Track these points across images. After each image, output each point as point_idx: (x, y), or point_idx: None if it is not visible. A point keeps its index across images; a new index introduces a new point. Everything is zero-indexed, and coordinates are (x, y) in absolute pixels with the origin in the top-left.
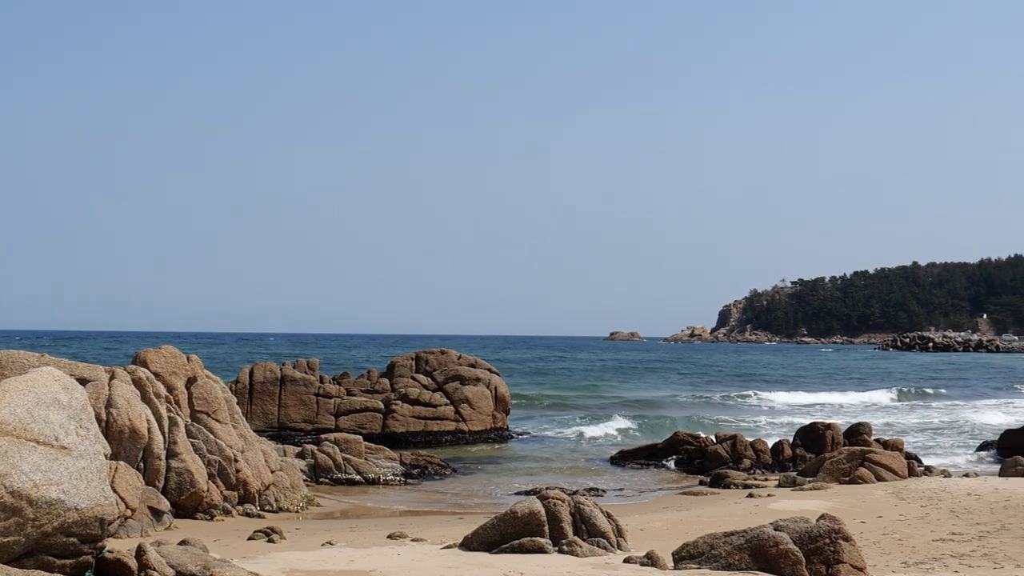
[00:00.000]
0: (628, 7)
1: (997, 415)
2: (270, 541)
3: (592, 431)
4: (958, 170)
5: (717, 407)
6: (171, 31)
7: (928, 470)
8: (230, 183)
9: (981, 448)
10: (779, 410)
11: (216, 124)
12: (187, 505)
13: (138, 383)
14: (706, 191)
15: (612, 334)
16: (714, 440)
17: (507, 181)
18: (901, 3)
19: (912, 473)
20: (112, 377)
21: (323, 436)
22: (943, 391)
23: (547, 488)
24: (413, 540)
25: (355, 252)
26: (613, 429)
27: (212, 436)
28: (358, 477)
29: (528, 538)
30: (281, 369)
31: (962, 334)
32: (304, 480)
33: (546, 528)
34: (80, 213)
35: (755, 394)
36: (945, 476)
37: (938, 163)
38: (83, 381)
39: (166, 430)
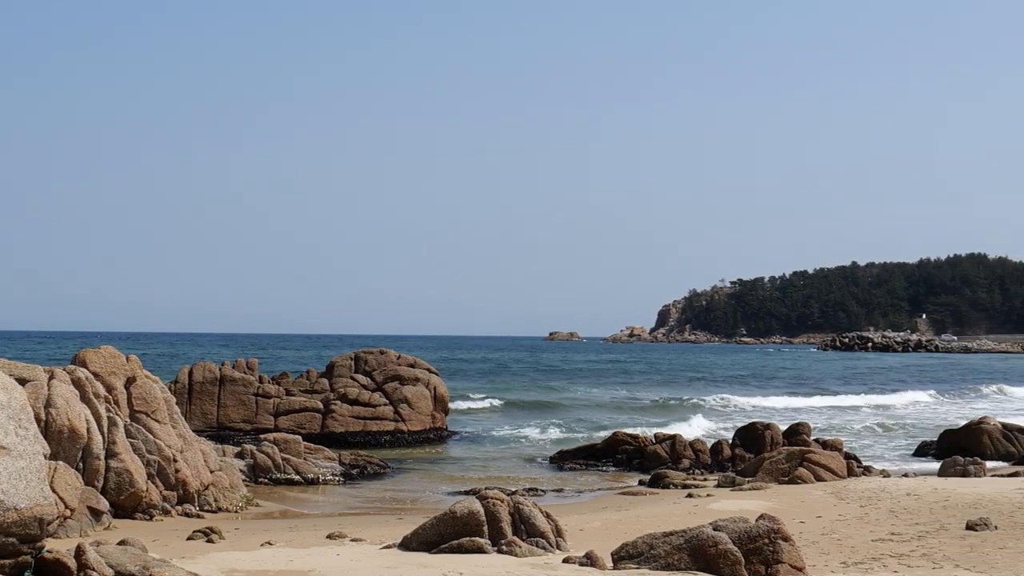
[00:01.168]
0: (564, 6)
1: None
2: (209, 541)
3: (532, 432)
4: (897, 170)
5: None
6: (106, 30)
7: (867, 470)
8: (166, 183)
9: (920, 449)
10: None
11: (152, 124)
12: (126, 505)
13: (77, 383)
14: (644, 191)
15: (551, 334)
16: (653, 440)
17: (444, 181)
18: (836, 2)
19: (851, 473)
20: (51, 377)
21: (262, 436)
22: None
23: (486, 488)
24: (352, 540)
25: (292, 252)
26: (554, 429)
27: (151, 436)
28: (297, 477)
29: (467, 538)
30: (220, 369)
31: (901, 334)
32: (243, 480)
33: (485, 528)
34: (14, 213)
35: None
36: (884, 476)
37: (877, 162)
38: (22, 381)
39: (105, 430)
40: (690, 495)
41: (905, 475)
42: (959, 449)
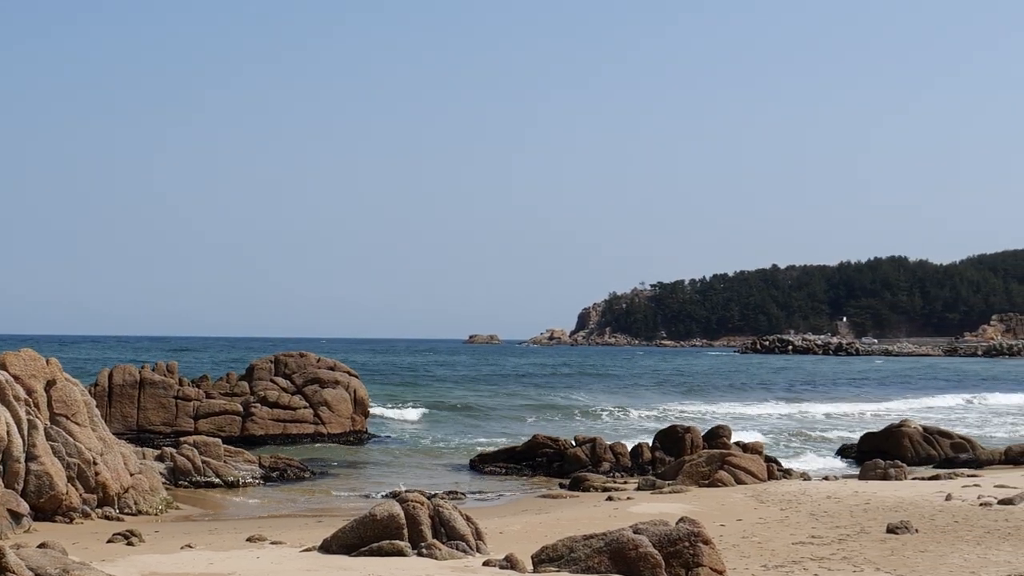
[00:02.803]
0: (488, 8)
1: None
2: (129, 544)
3: (453, 435)
4: (818, 173)
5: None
6: (31, 30)
7: (788, 473)
8: (89, 184)
9: (840, 451)
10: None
11: (75, 124)
12: (46, 508)
13: None
14: (566, 194)
15: (471, 337)
16: (573, 443)
17: (366, 182)
18: (764, 4)
19: (772, 476)
20: None
21: (182, 439)
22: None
23: (407, 491)
24: (272, 543)
25: (215, 254)
26: (475, 432)
27: (71, 439)
28: (217, 480)
29: (387, 541)
30: (140, 372)
31: (821, 337)
32: (163, 483)
33: (405, 531)
34: None
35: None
36: (805, 479)
37: (798, 165)
38: None
39: (25, 433)
40: (610, 498)
41: (826, 478)
42: (880, 452)
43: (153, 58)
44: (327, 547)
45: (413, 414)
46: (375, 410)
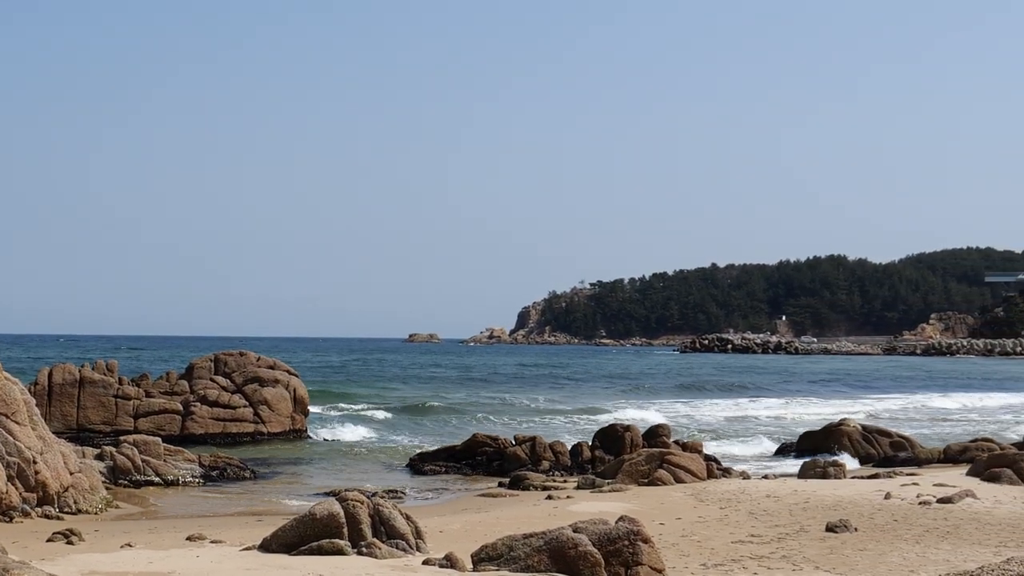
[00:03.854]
0: (424, 8)
1: None
2: (69, 543)
3: (394, 434)
4: (757, 171)
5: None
6: None
7: (727, 471)
8: (25, 183)
9: (780, 450)
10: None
11: (10, 122)
12: None
13: None
14: (504, 192)
15: (411, 336)
16: (513, 442)
17: (304, 182)
18: (697, 4)
19: (711, 475)
20: None
21: (122, 438)
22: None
23: (346, 490)
24: (212, 542)
25: (155, 254)
26: (416, 431)
27: (11, 438)
28: (157, 479)
29: (327, 540)
30: (80, 371)
31: (761, 336)
32: (103, 482)
33: (345, 530)
34: None
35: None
36: (744, 478)
37: (737, 164)
38: None
39: None
40: (550, 497)
41: (765, 476)
42: (819, 450)
43: (87, 58)
44: (267, 546)
45: (353, 413)
46: (315, 409)
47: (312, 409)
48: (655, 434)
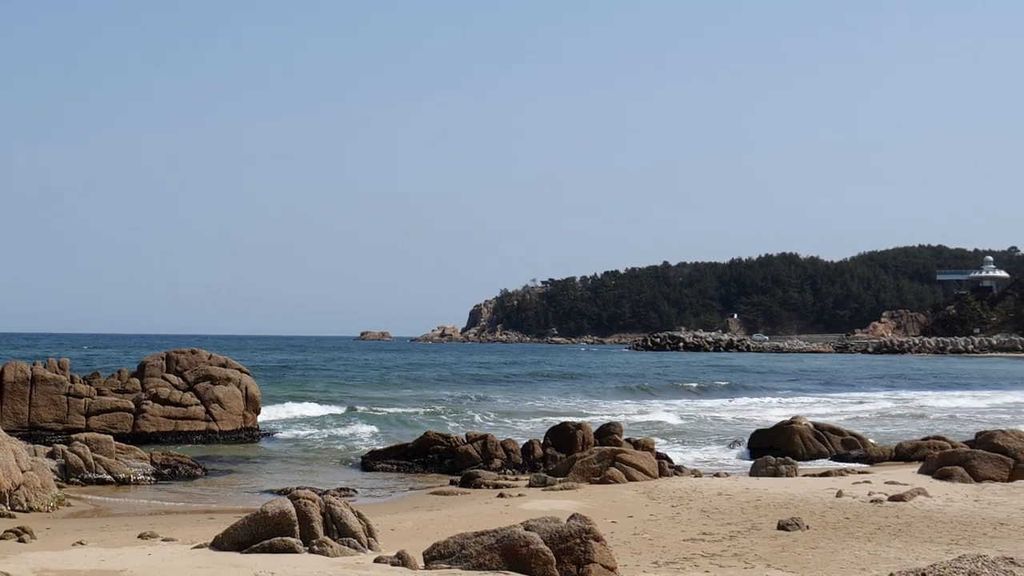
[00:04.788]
0: (369, 7)
1: None
2: (20, 541)
3: (345, 432)
4: (709, 169)
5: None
6: None
7: (679, 469)
8: None
9: (731, 447)
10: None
11: None
12: None
13: None
14: (456, 190)
15: (363, 334)
16: (465, 440)
17: (255, 181)
18: (644, 3)
19: (663, 473)
20: None
21: (74, 436)
22: None
23: (298, 488)
24: (164, 540)
25: (108, 253)
26: (368, 429)
27: None
28: (109, 477)
29: (279, 538)
30: (32, 369)
31: (713, 334)
32: (55, 480)
33: (297, 528)
34: None
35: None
36: (696, 476)
37: (689, 162)
38: None
39: None
40: (502, 495)
41: (717, 475)
42: (771, 449)
43: (37, 52)
44: (219, 544)
45: (305, 411)
46: (267, 407)
47: (264, 407)
48: (607, 432)
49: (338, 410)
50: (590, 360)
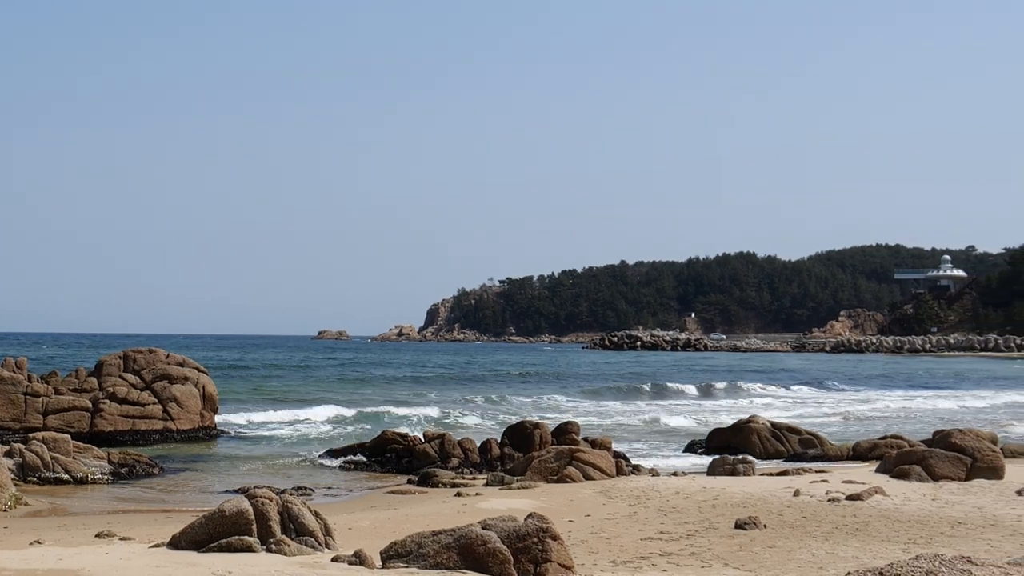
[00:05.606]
0: (338, 7)
1: None
2: None
3: (303, 430)
4: (665, 169)
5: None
6: None
7: (636, 469)
8: None
9: (689, 447)
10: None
11: None
12: None
13: None
14: (415, 190)
15: (320, 333)
16: (422, 439)
17: (215, 179)
18: (612, 3)
19: (620, 472)
20: None
21: (31, 435)
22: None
23: (256, 487)
24: (121, 539)
25: (69, 252)
26: (326, 428)
27: None
28: (66, 476)
29: (236, 537)
30: None
31: (670, 333)
32: (12, 479)
33: (254, 527)
34: None
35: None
36: (654, 475)
37: (647, 162)
38: None
39: None
40: (459, 494)
41: (674, 474)
42: (728, 448)
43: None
44: (176, 543)
45: (263, 410)
46: (225, 407)
47: (223, 407)
48: (564, 431)
49: (296, 409)
50: (566, 359)
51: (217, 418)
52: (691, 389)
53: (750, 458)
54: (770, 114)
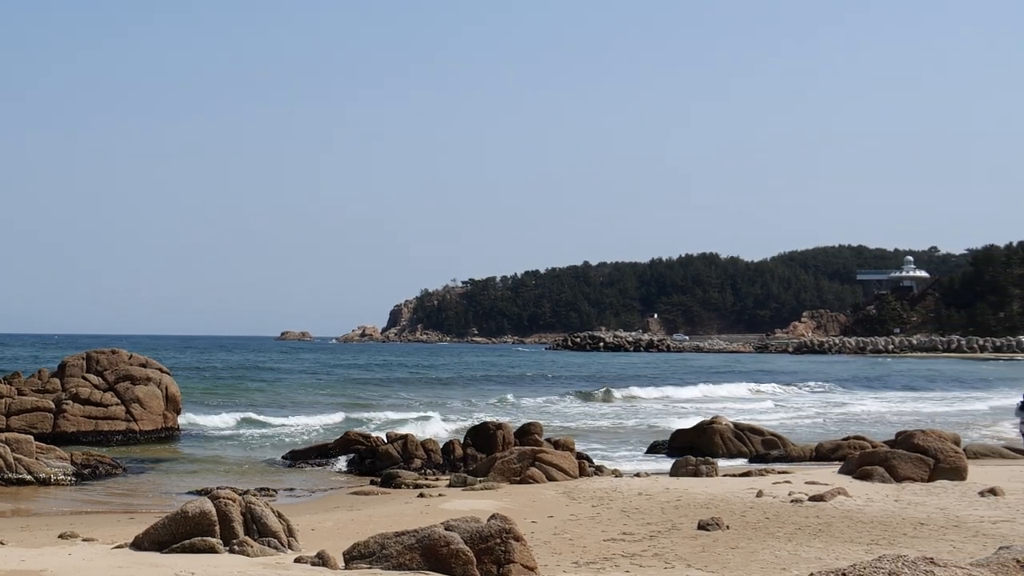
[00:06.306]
0: (296, 5)
1: None
2: None
3: (266, 431)
4: (629, 170)
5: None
6: None
7: (599, 470)
8: None
9: (652, 448)
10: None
11: None
12: None
13: None
14: (377, 190)
15: (283, 334)
16: (385, 440)
17: (177, 179)
18: (570, 3)
19: (583, 473)
20: None
21: None
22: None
23: (219, 488)
24: (84, 540)
25: (31, 252)
26: (291, 429)
27: None
28: (29, 477)
29: (199, 538)
30: None
31: (633, 333)
32: None
33: (217, 528)
34: None
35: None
36: (616, 476)
37: (609, 163)
38: None
39: None
40: (422, 495)
41: (637, 475)
42: (691, 449)
43: None
44: (139, 544)
45: (225, 412)
46: (189, 408)
47: (186, 408)
48: (527, 432)
49: (259, 410)
50: (531, 360)
51: (180, 419)
52: (653, 390)
53: (712, 459)
54: (731, 114)
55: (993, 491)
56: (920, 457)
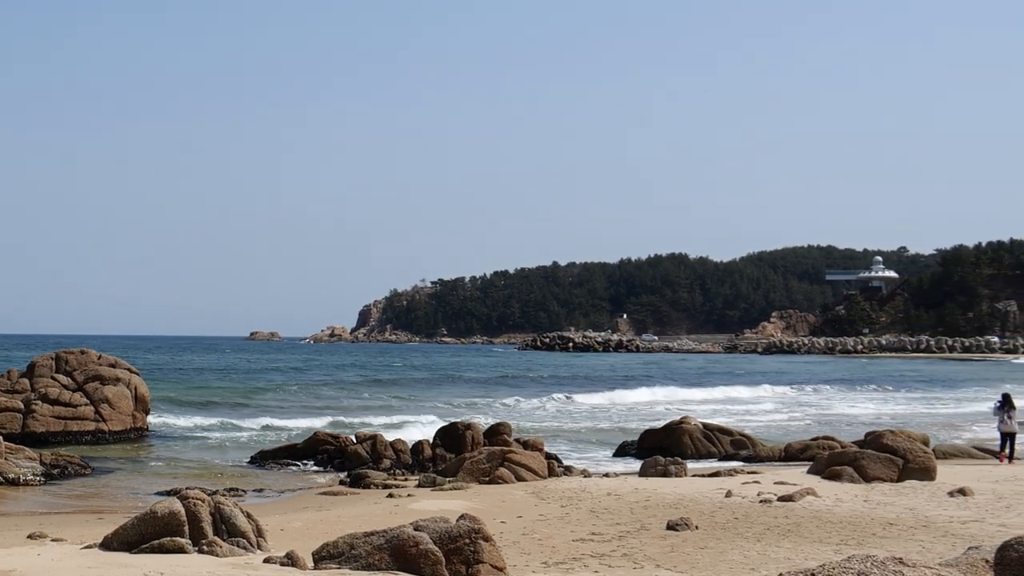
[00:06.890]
0: (256, 6)
1: None
2: None
3: (235, 432)
4: (598, 170)
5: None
6: None
7: (568, 470)
8: None
9: (620, 449)
10: None
11: None
12: None
13: None
14: (346, 191)
15: (252, 334)
16: (354, 440)
17: (145, 180)
18: (530, 3)
19: (552, 473)
20: None
21: None
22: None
23: (188, 488)
24: (53, 540)
25: None
26: (258, 430)
27: None
28: None
29: (168, 538)
30: None
31: (602, 334)
32: None
33: (186, 528)
34: None
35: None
36: (585, 476)
37: (579, 163)
38: None
39: None
40: (391, 495)
41: (606, 475)
42: (660, 449)
43: None
44: (108, 544)
45: (194, 412)
46: (158, 408)
47: (155, 408)
48: (496, 432)
49: (228, 411)
50: (502, 361)
51: (149, 419)
52: (623, 391)
53: (681, 459)
54: (699, 114)
55: (962, 491)
56: (889, 457)
